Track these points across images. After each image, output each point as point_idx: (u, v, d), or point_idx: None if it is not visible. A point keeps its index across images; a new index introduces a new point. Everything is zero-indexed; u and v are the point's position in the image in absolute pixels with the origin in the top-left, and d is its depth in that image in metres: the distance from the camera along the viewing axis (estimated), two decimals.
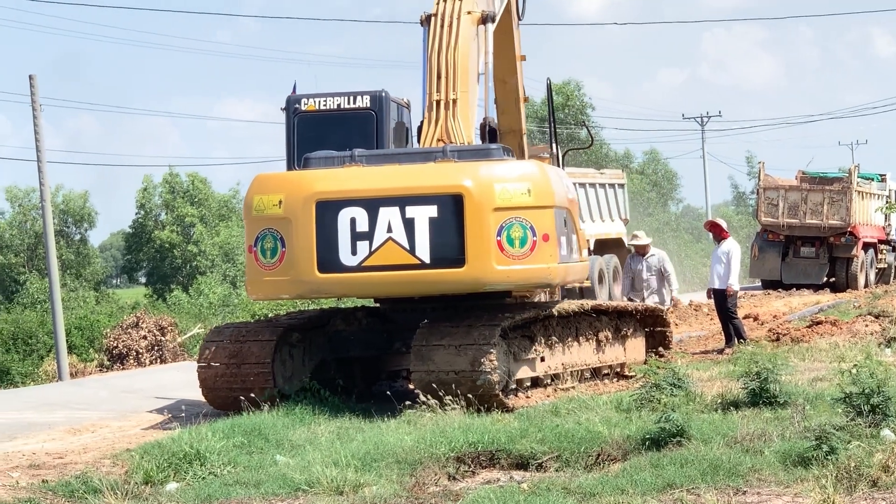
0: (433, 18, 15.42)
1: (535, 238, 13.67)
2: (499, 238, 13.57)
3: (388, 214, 13.61)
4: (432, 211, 13.57)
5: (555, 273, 14.05)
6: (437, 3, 15.54)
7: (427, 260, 13.58)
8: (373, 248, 13.66)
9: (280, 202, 14.05)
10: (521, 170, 14.13)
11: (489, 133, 15.43)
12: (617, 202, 27.94)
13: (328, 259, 13.75)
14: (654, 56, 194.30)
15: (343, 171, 14.15)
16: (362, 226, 13.66)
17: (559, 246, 14.13)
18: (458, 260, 13.55)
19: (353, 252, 13.69)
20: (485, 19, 15.69)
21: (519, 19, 18.04)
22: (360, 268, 13.72)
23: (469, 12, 15.43)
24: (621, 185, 28.66)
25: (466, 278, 13.62)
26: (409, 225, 13.58)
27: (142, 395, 18.26)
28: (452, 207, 13.57)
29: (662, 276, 20.06)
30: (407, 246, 13.59)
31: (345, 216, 13.70)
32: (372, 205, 13.68)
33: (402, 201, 13.63)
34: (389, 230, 13.61)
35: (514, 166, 14.20)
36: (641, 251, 20.21)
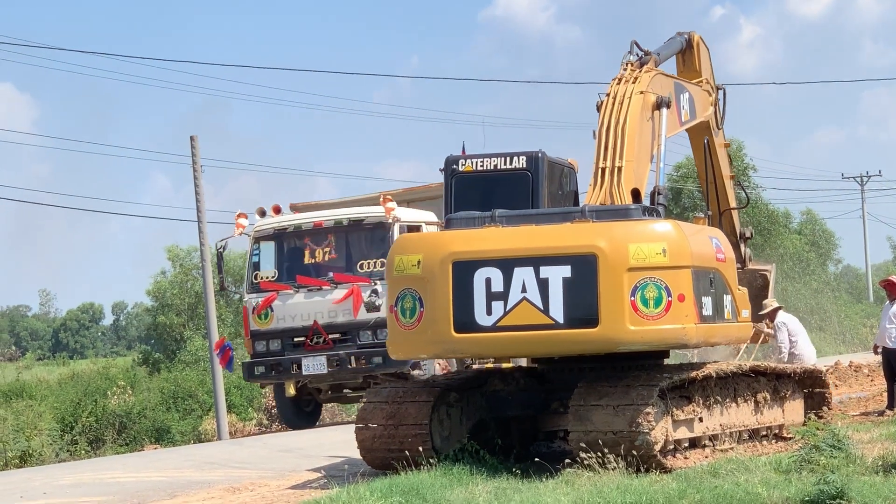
0: (606, 98, 15.62)
1: (669, 298, 13.52)
2: (633, 298, 13.45)
3: (523, 274, 13.62)
4: (566, 271, 13.55)
5: (692, 333, 13.85)
6: (612, 86, 15.73)
7: (561, 320, 13.54)
8: (507, 309, 13.66)
9: (419, 262, 14.16)
10: (656, 230, 13.94)
11: (652, 199, 15.26)
12: None
13: (464, 319, 13.80)
14: (812, 115, 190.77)
15: (480, 231, 14.22)
16: (497, 286, 13.69)
17: (698, 306, 13.93)
18: (591, 320, 13.47)
19: (489, 312, 13.71)
20: (659, 104, 15.84)
21: (718, 128, 18.95)
22: (494, 328, 13.72)
23: (642, 92, 15.58)
24: None
25: (600, 338, 13.55)
26: (542, 285, 13.57)
27: (300, 454, 18.34)
28: (586, 267, 13.51)
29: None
30: (541, 306, 13.57)
31: (480, 276, 13.74)
32: (507, 265, 13.71)
33: (536, 261, 13.63)
34: (524, 290, 13.61)
35: (650, 226, 14.00)
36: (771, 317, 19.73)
